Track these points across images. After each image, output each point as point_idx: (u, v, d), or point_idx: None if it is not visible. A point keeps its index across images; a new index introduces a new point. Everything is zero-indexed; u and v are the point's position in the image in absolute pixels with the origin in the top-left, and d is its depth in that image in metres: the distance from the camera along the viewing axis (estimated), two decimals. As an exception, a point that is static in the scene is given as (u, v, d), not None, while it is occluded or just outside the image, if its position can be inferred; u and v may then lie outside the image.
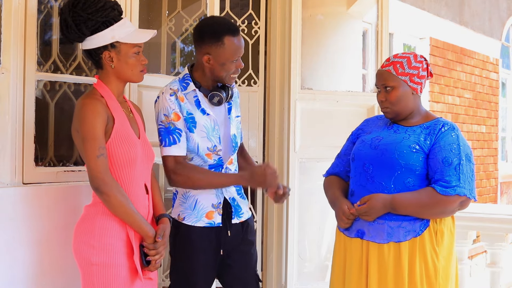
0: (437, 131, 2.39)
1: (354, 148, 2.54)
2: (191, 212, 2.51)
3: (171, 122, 2.45)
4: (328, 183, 2.64)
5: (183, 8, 3.70)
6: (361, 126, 2.65)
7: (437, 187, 2.32)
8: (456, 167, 2.34)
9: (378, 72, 2.47)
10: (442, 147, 2.36)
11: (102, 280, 2.16)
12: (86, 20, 2.21)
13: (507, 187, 9.16)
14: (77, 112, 2.20)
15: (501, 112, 9.08)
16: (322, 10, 4.31)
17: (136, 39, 2.26)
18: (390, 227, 2.37)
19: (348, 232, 2.47)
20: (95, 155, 2.13)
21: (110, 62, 2.25)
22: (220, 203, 2.53)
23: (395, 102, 2.41)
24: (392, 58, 2.45)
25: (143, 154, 2.30)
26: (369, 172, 2.42)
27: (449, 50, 7.52)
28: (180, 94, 2.48)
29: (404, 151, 2.36)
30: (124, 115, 2.27)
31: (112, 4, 2.26)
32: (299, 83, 3.80)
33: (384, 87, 2.42)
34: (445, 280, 2.39)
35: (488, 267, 4.06)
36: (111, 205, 2.16)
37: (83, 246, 2.19)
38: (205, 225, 2.51)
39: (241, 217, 2.60)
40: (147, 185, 2.33)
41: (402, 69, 2.40)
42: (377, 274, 2.37)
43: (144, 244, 2.23)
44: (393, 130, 2.47)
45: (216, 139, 2.51)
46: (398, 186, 2.37)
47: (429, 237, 2.36)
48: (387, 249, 2.36)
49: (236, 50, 2.46)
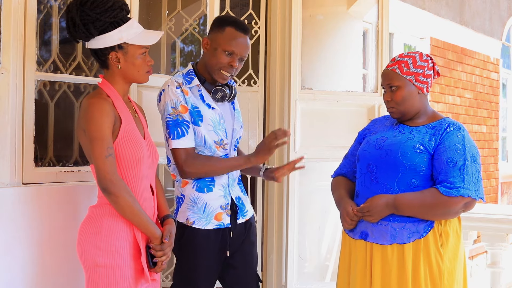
0: (442, 131, 2.37)
1: (360, 148, 2.53)
2: (201, 215, 2.51)
3: (179, 114, 2.45)
4: (335, 184, 2.64)
5: (183, 8, 3.70)
6: (368, 126, 2.64)
7: (441, 188, 2.29)
8: (460, 168, 2.31)
9: (384, 72, 2.46)
10: (447, 148, 2.33)
11: (108, 282, 2.14)
12: (95, 20, 2.17)
13: (507, 187, 9.15)
14: (84, 111, 2.17)
15: (501, 112, 9.07)
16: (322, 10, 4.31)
17: (145, 41, 2.23)
18: (393, 229, 2.35)
19: (353, 234, 2.46)
20: (104, 155, 2.11)
21: (117, 63, 2.22)
22: (228, 203, 2.54)
23: (400, 101, 2.40)
24: (397, 57, 2.44)
25: (149, 155, 2.29)
26: (373, 172, 2.41)
27: (449, 50, 7.51)
28: (184, 87, 2.48)
29: (408, 152, 2.35)
30: (130, 115, 2.26)
31: (120, 4, 2.22)
32: (299, 83, 3.80)
33: (390, 87, 2.41)
34: (451, 282, 2.36)
35: (488, 268, 4.06)
36: (119, 206, 2.14)
37: (88, 247, 2.17)
38: (214, 227, 2.51)
39: (246, 215, 2.61)
40: (152, 185, 2.32)
41: (407, 68, 2.39)
42: (380, 276, 2.36)
43: (151, 245, 2.22)
44: (399, 131, 2.45)
45: (223, 133, 2.53)
46: (402, 187, 2.35)
47: (433, 238, 2.33)
48: (391, 250, 2.35)
49: (233, 41, 2.45)
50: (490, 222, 3.96)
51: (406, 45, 6.94)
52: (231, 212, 2.55)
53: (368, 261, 2.40)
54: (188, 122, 2.46)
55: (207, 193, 2.52)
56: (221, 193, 2.53)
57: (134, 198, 2.16)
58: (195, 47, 5.56)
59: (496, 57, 8.72)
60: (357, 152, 2.53)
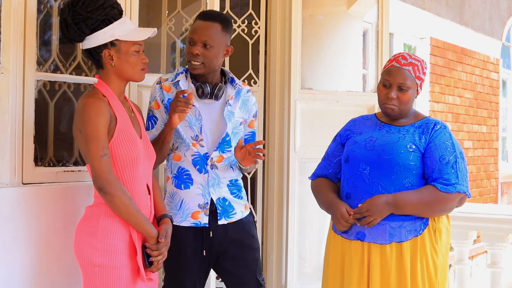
0: (430, 130, 2.41)
1: (347, 149, 2.51)
2: (176, 212, 2.53)
3: (151, 109, 2.59)
4: (317, 186, 2.62)
5: (183, 8, 3.69)
6: (348, 127, 2.61)
7: (438, 185, 2.34)
8: (453, 165, 2.36)
9: (395, 69, 2.41)
10: (437, 146, 2.38)
11: (105, 281, 2.15)
12: (86, 18, 2.20)
13: (507, 187, 9.15)
14: (80, 111, 2.18)
15: (501, 112, 9.07)
16: (322, 10, 4.30)
17: (136, 36, 2.25)
18: (392, 228, 2.37)
19: (347, 235, 2.45)
20: (99, 155, 2.12)
21: (110, 61, 2.23)
22: (207, 203, 2.53)
23: (405, 102, 2.41)
24: (408, 57, 2.42)
25: (145, 154, 2.29)
26: (366, 173, 2.41)
27: (449, 50, 7.51)
28: (166, 83, 2.57)
29: (401, 151, 2.36)
30: (126, 115, 2.27)
31: (112, 2, 2.25)
32: (299, 83, 3.80)
33: (399, 86, 2.40)
34: (443, 277, 2.42)
35: (488, 268, 4.06)
36: (114, 206, 2.15)
37: (85, 247, 2.18)
38: (189, 225, 2.52)
39: (231, 217, 2.57)
40: (148, 185, 2.32)
41: (419, 72, 2.41)
42: (379, 275, 2.37)
43: (147, 245, 2.22)
44: (385, 131, 2.46)
45: (198, 129, 2.53)
46: (396, 186, 2.37)
47: (428, 235, 2.37)
48: (389, 249, 2.36)
49: (192, 29, 2.53)
50: (490, 222, 3.96)
51: (406, 45, 6.94)
52: (210, 212, 2.53)
53: (366, 261, 2.40)
54: (156, 118, 2.56)
55: (184, 190, 2.54)
56: (199, 192, 2.53)
57: (130, 197, 2.17)
58: (195, 47, 5.55)
59: (496, 57, 8.72)
60: (345, 153, 2.52)
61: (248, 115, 2.67)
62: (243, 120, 2.65)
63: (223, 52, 2.55)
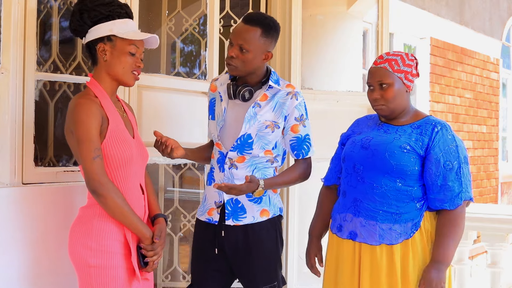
0: (430, 131, 2.36)
1: (345, 149, 2.52)
2: (201, 205, 2.68)
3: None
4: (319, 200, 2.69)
5: (183, 8, 3.70)
6: (351, 127, 2.62)
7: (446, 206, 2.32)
8: (457, 171, 2.33)
9: (372, 70, 2.42)
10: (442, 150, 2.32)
11: (100, 282, 2.15)
12: (90, 10, 2.22)
13: (507, 187, 9.15)
14: (71, 112, 2.17)
15: (501, 112, 9.07)
16: (322, 10, 4.30)
17: (133, 36, 2.24)
18: (381, 229, 2.34)
19: (341, 233, 2.46)
20: (91, 157, 2.11)
21: (103, 55, 2.23)
22: (220, 201, 2.57)
23: (391, 99, 2.38)
24: (385, 55, 2.42)
25: (138, 154, 2.29)
26: (360, 173, 2.40)
27: (449, 50, 7.51)
28: (215, 82, 2.69)
29: (395, 152, 2.34)
30: (118, 115, 2.26)
31: (120, 3, 2.27)
32: (299, 83, 3.80)
33: (380, 84, 2.39)
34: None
35: (488, 268, 4.05)
36: (108, 207, 2.14)
37: (80, 248, 2.18)
38: (204, 220, 2.62)
39: (239, 220, 2.56)
40: (142, 185, 2.32)
41: (397, 66, 2.38)
42: (369, 276, 2.36)
43: (142, 245, 2.22)
44: (383, 130, 2.45)
45: (218, 129, 2.59)
46: (389, 186, 2.35)
47: (420, 237, 2.34)
48: (380, 251, 2.35)
49: (232, 33, 2.55)
50: (490, 222, 3.96)
51: (406, 45, 6.94)
52: (221, 211, 2.57)
53: (357, 261, 2.40)
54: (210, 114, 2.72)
55: (208, 186, 2.64)
56: (216, 190, 2.56)
57: (123, 198, 2.16)
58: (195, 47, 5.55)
59: (496, 57, 8.72)
60: (342, 153, 2.52)
61: (281, 118, 2.57)
62: (271, 123, 2.56)
63: (261, 56, 2.52)
